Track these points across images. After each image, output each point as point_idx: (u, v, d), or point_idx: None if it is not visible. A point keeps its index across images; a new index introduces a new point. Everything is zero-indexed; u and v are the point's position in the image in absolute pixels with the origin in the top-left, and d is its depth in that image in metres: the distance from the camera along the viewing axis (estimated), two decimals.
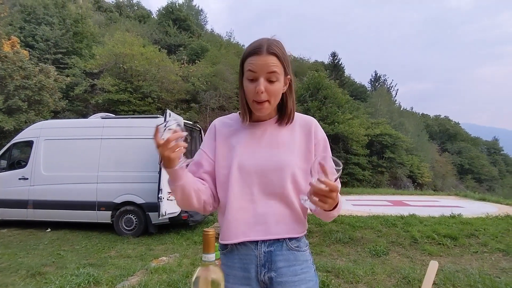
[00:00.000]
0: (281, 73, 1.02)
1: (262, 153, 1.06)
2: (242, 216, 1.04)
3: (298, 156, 1.07)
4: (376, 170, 21.24)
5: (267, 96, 1.01)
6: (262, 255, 1.03)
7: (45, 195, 6.41)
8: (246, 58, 1.03)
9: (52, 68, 13.22)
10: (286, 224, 1.04)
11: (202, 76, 19.10)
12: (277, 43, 1.03)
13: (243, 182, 1.04)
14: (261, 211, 1.04)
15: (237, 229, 1.04)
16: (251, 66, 1.00)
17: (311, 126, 1.12)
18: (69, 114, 15.13)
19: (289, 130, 1.10)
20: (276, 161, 1.04)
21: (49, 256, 4.76)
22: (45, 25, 16.89)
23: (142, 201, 6.15)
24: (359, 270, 3.84)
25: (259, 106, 1.02)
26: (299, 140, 1.09)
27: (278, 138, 1.09)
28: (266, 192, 1.04)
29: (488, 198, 10.82)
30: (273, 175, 1.04)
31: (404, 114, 32.83)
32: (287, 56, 1.05)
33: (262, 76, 1.00)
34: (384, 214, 6.57)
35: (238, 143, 1.08)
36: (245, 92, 1.04)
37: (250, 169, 1.04)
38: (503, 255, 4.60)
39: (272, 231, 1.03)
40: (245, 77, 1.03)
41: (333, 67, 31.19)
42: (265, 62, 0.99)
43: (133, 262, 4.46)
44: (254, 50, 1.01)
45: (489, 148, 43.70)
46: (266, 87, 1.00)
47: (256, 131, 1.10)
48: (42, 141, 6.65)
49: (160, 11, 31.87)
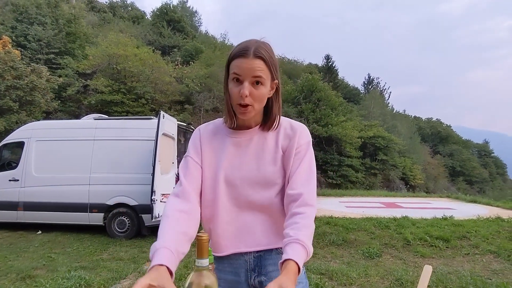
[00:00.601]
0: (267, 77, 0.98)
1: (248, 165, 1.04)
2: (231, 229, 1.03)
3: (283, 166, 1.05)
4: (369, 172, 21.38)
5: (251, 100, 0.97)
6: (252, 259, 1.04)
7: (36, 196, 6.32)
8: (232, 60, 0.99)
9: (44, 68, 13.07)
10: (274, 236, 1.03)
11: (196, 77, 19.03)
12: (265, 46, 0.99)
13: (230, 195, 1.03)
14: (249, 223, 1.03)
15: (227, 242, 1.03)
16: (236, 69, 0.97)
17: (295, 133, 1.07)
18: (62, 115, 14.94)
19: (275, 139, 1.07)
20: (263, 173, 1.03)
21: (40, 259, 4.69)
22: (37, 25, 16.68)
23: (135, 203, 6.10)
24: (353, 272, 3.86)
25: (242, 109, 0.99)
26: (283, 149, 1.06)
27: (264, 148, 1.06)
28: (254, 204, 1.03)
29: (479, 200, 10.98)
30: (260, 187, 1.02)
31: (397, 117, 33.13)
32: (275, 59, 1.02)
33: (247, 79, 0.96)
34: (377, 216, 6.62)
35: (224, 154, 1.06)
36: (230, 94, 1.01)
37: (237, 182, 1.03)
38: (494, 256, 4.66)
39: (261, 242, 1.03)
40: (230, 79, 1.00)
41: (327, 69, 31.34)
42: (251, 66, 0.95)
43: (125, 265, 4.41)
44: (240, 52, 0.97)
45: (479, 151, 44.29)
46: (251, 91, 0.97)
47: (242, 140, 1.07)
48: (33, 142, 6.56)
49: (154, 12, 31.72)
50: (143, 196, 5.89)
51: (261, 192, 1.02)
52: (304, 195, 0.97)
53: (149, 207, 5.60)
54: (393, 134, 23.84)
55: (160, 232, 0.88)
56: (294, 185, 1.00)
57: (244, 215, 1.03)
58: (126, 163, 6.21)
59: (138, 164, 6.12)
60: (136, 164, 6.15)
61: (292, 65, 32.56)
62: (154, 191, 5.55)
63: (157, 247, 0.82)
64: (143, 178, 5.93)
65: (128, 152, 6.25)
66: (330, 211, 7.64)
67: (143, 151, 6.16)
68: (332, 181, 18.76)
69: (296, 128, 1.09)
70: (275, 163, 1.04)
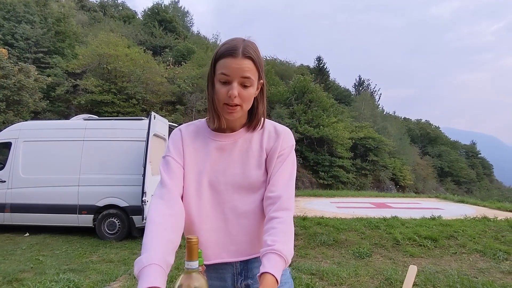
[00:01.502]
0: (255, 78, 0.97)
1: (233, 169, 1.01)
2: (215, 237, 1.00)
3: (267, 169, 1.03)
4: (360, 172, 21.58)
5: (240, 100, 0.95)
6: (238, 264, 1.03)
7: (23, 198, 6.21)
8: (220, 58, 0.95)
9: (32, 68, 12.84)
10: (259, 243, 0.99)
11: (188, 78, 18.95)
12: (252, 45, 0.97)
13: (214, 201, 1.00)
14: (234, 231, 1.00)
15: (211, 251, 1.00)
16: (224, 69, 0.93)
17: (279, 136, 1.05)
18: (50, 115, 14.70)
19: (259, 142, 1.05)
20: (248, 178, 1.01)
21: (27, 262, 4.61)
22: (25, 23, 16.39)
23: (126, 204, 6.05)
24: (343, 272, 3.90)
25: (230, 109, 0.96)
26: (267, 152, 1.04)
27: (249, 152, 1.03)
28: (238, 211, 1.00)
29: (466, 200, 11.19)
30: (246, 192, 1.01)
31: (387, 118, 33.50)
32: (262, 59, 1.00)
33: (236, 80, 0.93)
34: (367, 217, 6.68)
35: (207, 157, 1.02)
36: (216, 94, 0.97)
37: (221, 187, 1.00)
38: (480, 255, 4.76)
39: (245, 252, 1.01)
40: (217, 79, 0.96)
41: (318, 71, 31.54)
42: (240, 66, 0.92)
43: (115, 267, 4.37)
44: (229, 51, 0.94)
45: (467, 152, 45.08)
46: (239, 92, 0.94)
47: (226, 143, 1.03)
48: (21, 142, 6.44)
49: (146, 12, 31.46)
50: (134, 198, 5.85)
51: (246, 197, 1.01)
52: (282, 198, 0.95)
53: (139, 208, 5.56)
54: (383, 135, 24.11)
55: (146, 242, 0.82)
56: (273, 188, 0.98)
57: (228, 223, 1.00)
58: (116, 164, 6.15)
59: (129, 165, 6.07)
60: (126, 165, 6.09)
61: (284, 66, 32.65)
62: (145, 192, 5.51)
63: (145, 264, 0.76)
64: (134, 179, 5.89)
65: (118, 153, 6.19)
66: (321, 212, 7.69)
67: (133, 152, 6.11)
68: (323, 182, 18.87)
69: (280, 132, 1.07)
70: (260, 167, 1.02)
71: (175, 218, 0.92)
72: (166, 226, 0.88)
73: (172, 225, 0.90)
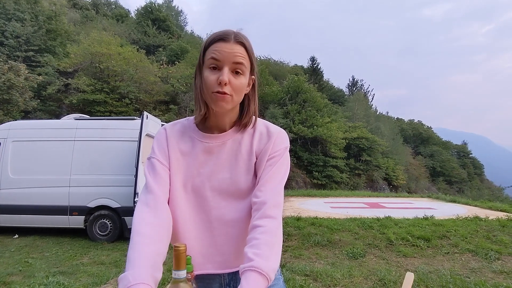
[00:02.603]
0: (247, 67, 0.89)
1: (220, 174, 0.94)
2: (200, 247, 0.93)
3: (256, 173, 0.96)
4: (354, 172, 21.70)
5: (230, 89, 0.87)
6: (226, 275, 0.96)
7: (12, 199, 6.09)
8: (210, 44, 0.88)
9: (22, 66, 12.66)
10: None
11: (182, 77, 18.85)
12: (244, 35, 0.90)
13: (199, 208, 0.93)
14: (220, 241, 0.93)
15: (195, 261, 0.92)
16: (215, 54, 0.86)
17: (271, 138, 0.96)
18: (41, 114, 14.50)
19: (249, 144, 0.96)
20: (236, 183, 0.93)
21: (16, 264, 4.52)
22: (15, 21, 16.14)
23: (118, 205, 5.97)
24: (337, 273, 3.89)
25: (220, 96, 0.86)
26: (257, 154, 0.96)
27: (238, 155, 0.95)
28: (225, 219, 0.93)
29: (458, 200, 11.30)
30: (233, 199, 0.93)
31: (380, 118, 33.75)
32: (254, 52, 0.93)
33: (227, 65, 0.86)
34: (361, 217, 6.70)
35: (193, 160, 0.95)
36: (205, 82, 0.88)
37: (207, 193, 0.93)
38: (472, 255, 4.79)
39: (231, 264, 0.94)
40: (206, 66, 0.88)
41: (312, 71, 31.65)
42: (232, 50, 0.86)
43: (107, 269, 4.31)
44: (220, 36, 0.87)
45: (458, 152, 45.66)
46: (230, 80, 0.86)
47: (214, 145, 0.95)
48: (10, 142, 6.32)
49: (139, 10, 31.23)
50: (126, 198, 5.78)
51: (234, 205, 0.93)
52: (267, 204, 0.86)
53: (132, 209, 5.49)
54: (376, 136, 24.27)
55: (133, 257, 0.76)
56: (259, 192, 0.89)
57: (214, 232, 0.93)
58: (108, 164, 6.06)
59: (121, 166, 5.99)
60: (118, 165, 6.01)
61: (278, 66, 32.69)
62: (137, 193, 5.44)
63: (132, 283, 0.70)
64: (126, 179, 5.81)
65: (110, 153, 6.11)
66: (315, 212, 7.69)
67: (125, 152, 6.03)
68: (317, 182, 18.94)
69: (272, 132, 0.98)
70: (249, 171, 0.95)
71: (162, 228, 0.84)
72: (153, 238, 0.81)
73: (160, 235, 0.83)
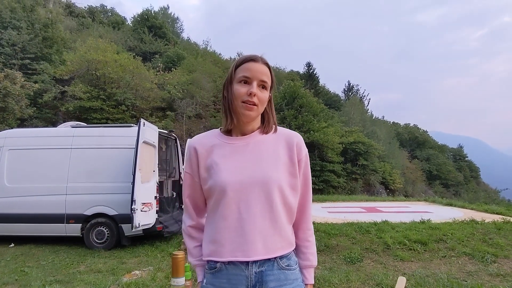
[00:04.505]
0: (269, 84, 1.08)
1: (246, 168, 1.04)
2: (230, 236, 1.02)
3: (283, 169, 1.07)
4: (351, 177, 21.74)
5: (257, 100, 1.04)
6: (253, 275, 1.02)
7: (8, 208, 6.05)
8: (241, 63, 1.07)
9: (18, 74, 12.65)
10: (274, 243, 1.03)
11: (178, 84, 18.89)
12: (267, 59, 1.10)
13: (230, 200, 1.02)
14: (249, 229, 1.02)
15: (223, 248, 1.03)
16: (246, 72, 1.05)
17: (294, 140, 1.12)
18: (37, 122, 14.44)
19: (272, 143, 1.10)
20: (262, 176, 1.03)
21: (12, 274, 4.48)
22: (11, 29, 16.14)
23: (115, 212, 5.94)
24: (335, 278, 3.90)
25: (248, 106, 1.04)
26: (283, 153, 1.09)
27: (262, 151, 1.08)
28: (252, 210, 1.02)
29: (454, 203, 11.37)
30: (260, 191, 1.02)
31: (376, 123, 33.94)
32: (274, 75, 1.12)
33: (256, 81, 1.05)
34: (358, 221, 6.72)
35: (221, 160, 1.06)
36: (236, 93, 1.05)
37: (235, 186, 1.02)
38: (469, 258, 4.81)
39: (260, 251, 1.02)
40: (237, 80, 1.06)
41: (308, 76, 31.84)
42: (261, 69, 1.06)
43: (104, 277, 4.28)
44: (250, 57, 1.07)
45: (454, 155, 45.90)
46: (257, 93, 1.04)
47: (240, 145, 1.09)
48: (6, 151, 6.30)
49: (135, 18, 31.35)
50: (123, 206, 5.74)
51: (260, 197, 1.03)
52: (309, 209, 1.16)
53: (129, 216, 5.46)
54: (372, 140, 24.38)
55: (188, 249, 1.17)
56: (303, 200, 1.14)
57: (243, 221, 1.02)
58: (105, 172, 6.05)
59: (118, 173, 5.98)
60: (115, 173, 6.00)
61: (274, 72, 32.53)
62: (134, 200, 5.42)
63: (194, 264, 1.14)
64: (123, 187, 5.79)
65: (107, 160, 6.10)
66: (313, 217, 7.63)
67: (123, 159, 6.03)
68: (314, 186, 18.91)
69: (294, 135, 1.15)
70: (277, 166, 1.07)
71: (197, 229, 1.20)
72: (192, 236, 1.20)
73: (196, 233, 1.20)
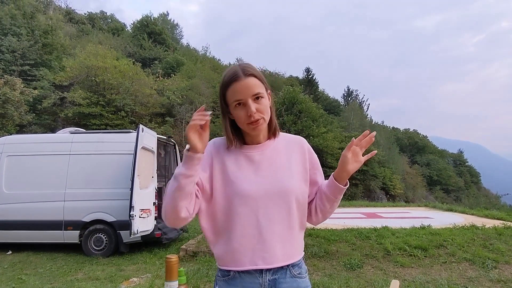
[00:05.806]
0: (263, 90, 1.05)
1: (264, 178, 1.06)
2: (248, 243, 1.03)
3: (298, 178, 1.09)
4: (351, 182, 21.46)
5: (259, 114, 1.03)
6: (267, 283, 1.03)
7: (6, 215, 6.02)
8: (227, 88, 1.03)
9: (18, 80, 12.69)
10: (289, 249, 1.05)
11: (178, 89, 18.95)
12: (248, 65, 1.05)
13: (248, 208, 1.03)
14: (267, 237, 1.03)
15: (244, 256, 1.02)
16: (235, 95, 1.01)
17: (304, 147, 1.16)
18: (36, 128, 14.44)
19: (286, 152, 1.12)
20: (280, 186, 1.05)
21: (9, 281, 4.44)
22: (11, 36, 16.23)
23: (113, 219, 5.91)
24: (334, 285, 3.86)
25: (254, 125, 1.03)
26: (296, 161, 1.11)
27: (277, 161, 1.09)
28: (271, 217, 1.03)
29: (455, 208, 11.32)
30: (278, 200, 1.04)
31: (376, 128, 33.96)
32: (261, 73, 1.08)
33: (249, 99, 1.01)
34: (358, 227, 6.67)
35: (238, 168, 1.07)
36: (237, 119, 1.05)
37: (253, 194, 1.03)
38: (470, 264, 4.78)
39: (277, 259, 1.03)
40: (232, 106, 1.04)
41: (307, 82, 31.95)
42: (247, 85, 1.01)
43: (101, 284, 4.24)
44: (231, 78, 1.02)
45: (455, 160, 45.92)
46: (256, 107, 1.02)
47: (255, 154, 1.09)
48: (4, 157, 6.28)
49: (135, 24, 31.56)
50: (121, 212, 5.71)
51: (278, 205, 1.04)
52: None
53: (127, 223, 5.43)
54: (372, 145, 24.36)
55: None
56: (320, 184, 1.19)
57: (261, 229, 1.03)
58: (103, 178, 6.03)
59: (116, 179, 5.96)
60: (114, 179, 5.98)
61: (273, 77, 32.97)
62: (132, 207, 5.39)
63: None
64: (122, 193, 5.77)
65: (105, 166, 6.09)
66: None
67: (121, 165, 6.01)
68: None
69: (302, 141, 1.18)
70: (291, 174, 1.09)
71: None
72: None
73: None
